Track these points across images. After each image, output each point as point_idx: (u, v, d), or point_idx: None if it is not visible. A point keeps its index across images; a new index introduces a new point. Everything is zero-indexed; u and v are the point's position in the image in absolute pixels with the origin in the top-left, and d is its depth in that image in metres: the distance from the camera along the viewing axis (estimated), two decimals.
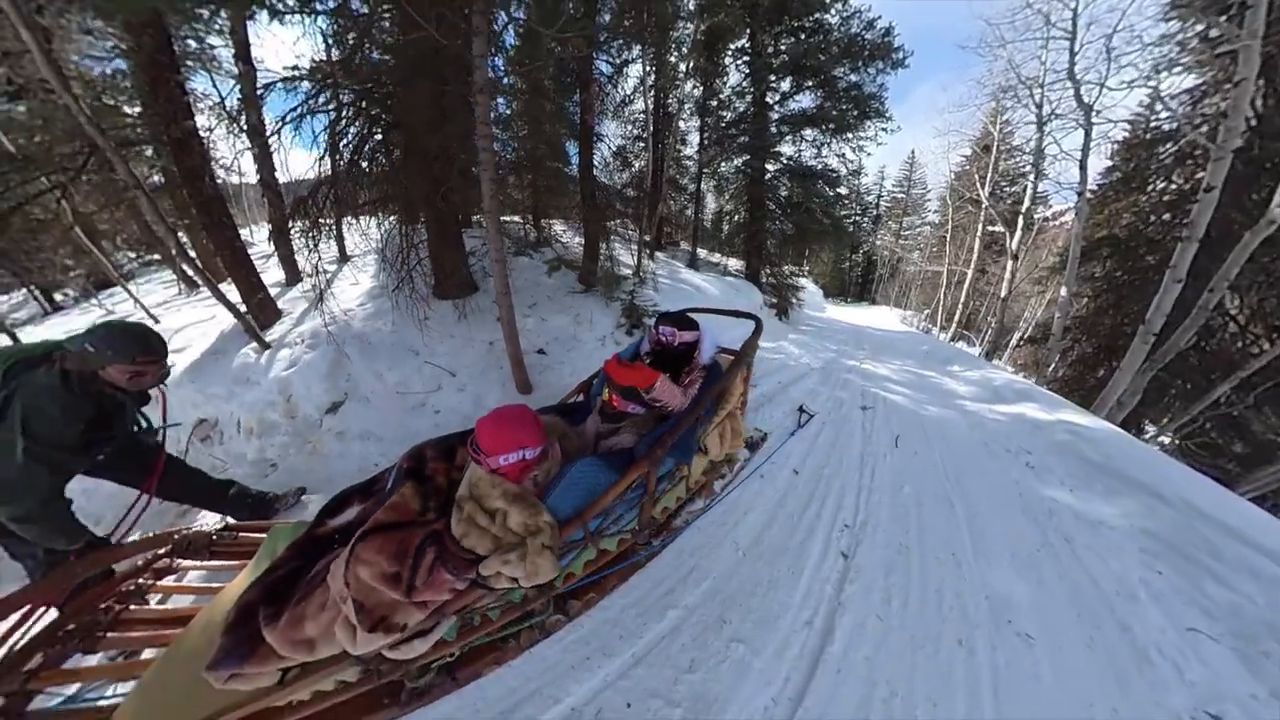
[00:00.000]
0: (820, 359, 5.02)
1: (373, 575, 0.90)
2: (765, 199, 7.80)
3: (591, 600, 1.52)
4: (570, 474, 1.24)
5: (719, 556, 1.80)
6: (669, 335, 1.78)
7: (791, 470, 2.43)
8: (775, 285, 8.21)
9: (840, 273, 32.64)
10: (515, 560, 0.99)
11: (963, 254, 14.40)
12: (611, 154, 7.17)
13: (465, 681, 1.25)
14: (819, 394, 3.72)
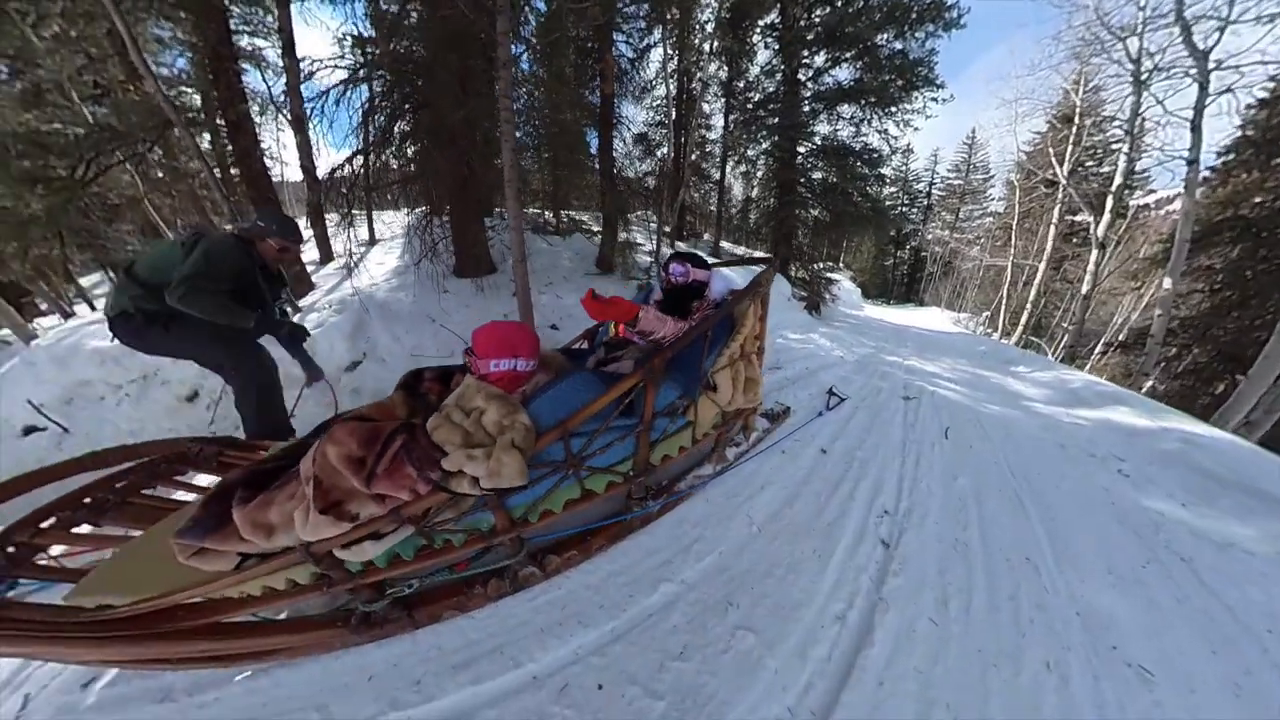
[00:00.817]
0: (855, 353, 4.75)
1: (338, 456, 0.89)
2: (796, 183, 7.41)
3: (573, 559, 1.40)
4: (559, 386, 1.16)
5: (728, 530, 1.64)
6: (680, 274, 1.76)
7: (818, 449, 2.31)
8: (806, 279, 7.79)
9: (882, 270, 28.10)
10: (480, 457, 0.93)
11: (1033, 246, 12.63)
12: (633, 141, 7.09)
13: (423, 622, 1.18)
14: (852, 381, 3.57)
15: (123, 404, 3.45)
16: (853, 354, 4.71)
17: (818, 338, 5.16)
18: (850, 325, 7.16)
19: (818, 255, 8.44)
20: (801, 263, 7.93)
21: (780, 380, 3.36)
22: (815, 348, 4.62)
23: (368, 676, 1.08)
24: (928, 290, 25.07)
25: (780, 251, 7.88)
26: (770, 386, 3.18)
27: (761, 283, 1.67)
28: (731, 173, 9.20)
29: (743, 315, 1.61)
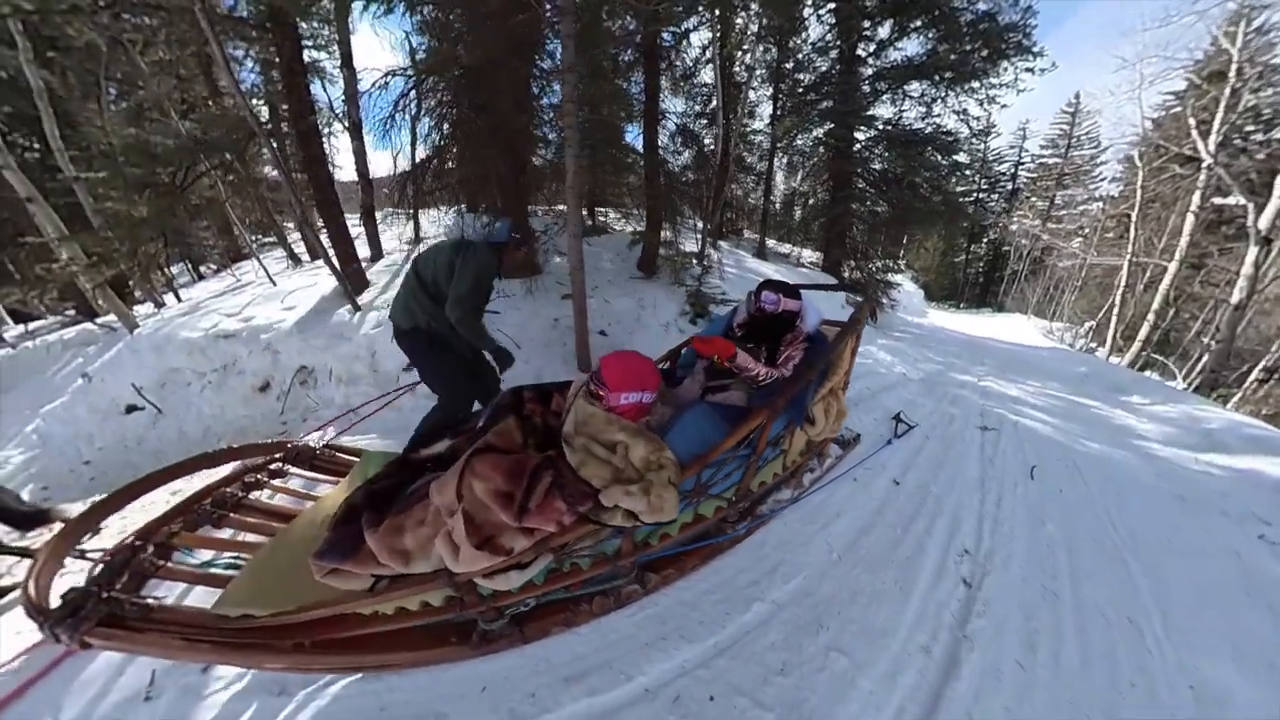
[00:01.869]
0: (921, 370, 4.47)
1: (486, 491, 0.96)
2: (852, 175, 6.83)
3: (670, 577, 1.51)
4: (683, 420, 1.35)
5: (809, 555, 1.74)
6: (772, 303, 1.80)
7: (890, 480, 2.32)
8: (862, 281, 7.04)
9: (950, 269, 24.71)
10: (638, 492, 1.02)
11: (1160, 239, 10.38)
12: (673, 133, 6.71)
13: (532, 637, 1.28)
14: (919, 406, 3.40)
15: (206, 390, 3.95)
16: (917, 371, 4.41)
17: (876, 351, 4.76)
18: (913, 336, 6.56)
19: (874, 253, 7.45)
20: (856, 263, 7.33)
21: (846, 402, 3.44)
22: (875, 364, 4.28)
23: (480, 687, 1.19)
24: (1010, 293, 21.58)
25: (833, 253, 7.46)
26: None
27: (860, 319, 1.74)
28: (777, 164, 8.68)
29: (841, 355, 1.70)
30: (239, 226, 6.29)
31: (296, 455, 1.61)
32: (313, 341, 3.79)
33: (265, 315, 4.30)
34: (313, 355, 3.76)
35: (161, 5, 3.12)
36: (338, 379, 3.57)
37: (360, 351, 3.63)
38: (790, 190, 8.99)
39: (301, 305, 4.40)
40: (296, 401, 3.61)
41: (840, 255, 7.32)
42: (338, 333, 3.83)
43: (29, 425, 4.17)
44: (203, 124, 4.89)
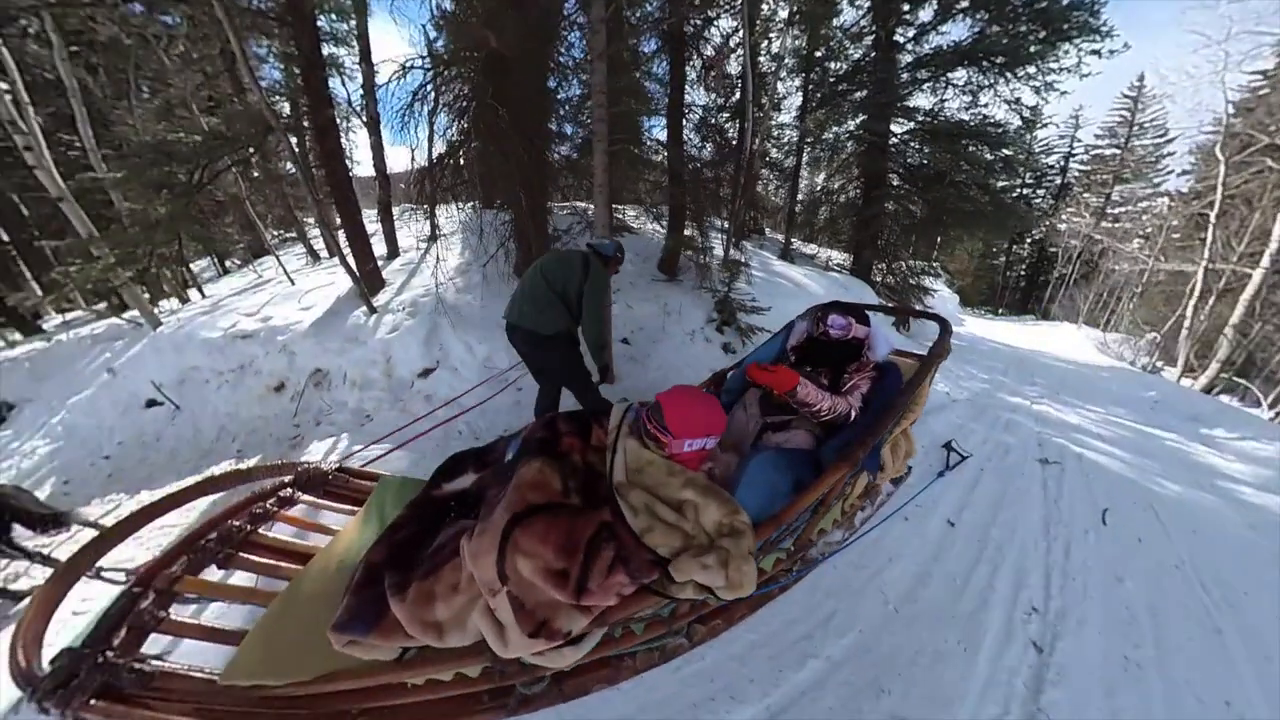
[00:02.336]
0: (965, 389, 4.17)
1: (535, 570, 0.85)
2: (886, 171, 6.48)
3: (717, 628, 1.42)
4: (749, 470, 1.26)
5: (864, 605, 1.66)
6: (841, 328, 1.69)
7: (944, 520, 2.18)
8: (894, 286, 6.81)
9: (989, 272, 22.83)
10: (715, 565, 0.90)
11: (1242, 241, 9.19)
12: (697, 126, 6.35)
13: (571, 695, 1.19)
14: (970, 432, 3.19)
15: (222, 389, 4.02)
16: (962, 391, 4.07)
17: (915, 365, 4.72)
18: (953, 348, 6.44)
19: (905, 254, 7.05)
20: (889, 266, 6.90)
21: None
22: None
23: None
24: (1057, 299, 19.27)
25: (864, 255, 7.08)
26: None
27: (940, 353, 1.62)
28: (805, 160, 8.32)
29: (918, 387, 1.54)
30: (259, 224, 6.46)
31: (307, 480, 1.54)
32: (328, 344, 3.81)
33: (283, 315, 4.35)
34: (327, 358, 3.78)
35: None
36: (351, 383, 3.57)
37: (375, 356, 3.62)
38: (819, 188, 8.60)
39: (318, 306, 4.43)
40: (310, 403, 3.63)
41: (871, 257, 6.96)
42: (353, 336, 3.83)
43: (55, 417, 4.34)
44: (227, 119, 4.98)
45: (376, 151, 5.20)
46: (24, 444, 4.28)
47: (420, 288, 4.41)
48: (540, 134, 3.85)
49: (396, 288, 4.60)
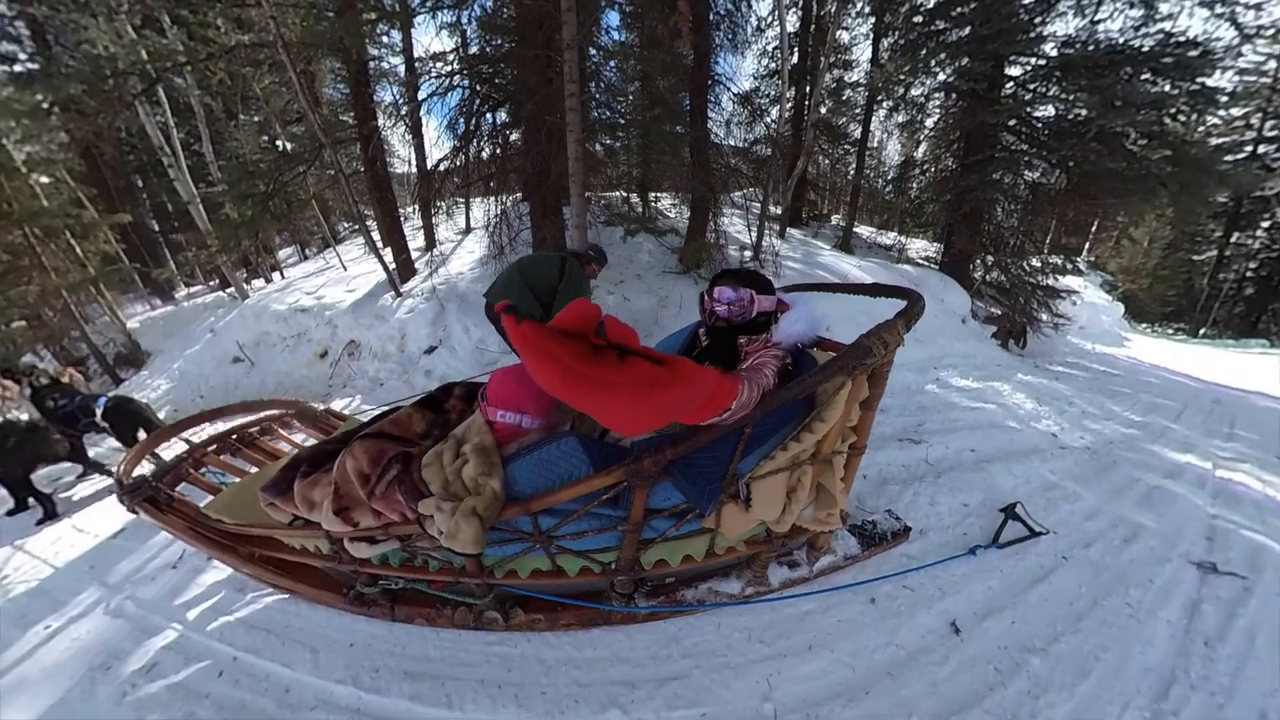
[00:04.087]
0: (1090, 432, 2.84)
1: (353, 469, 1.16)
2: (996, 129, 4.86)
3: (537, 623, 1.43)
4: (545, 449, 1.12)
5: (727, 689, 1.27)
6: (727, 301, 1.31)
7: (948, 621, 1.44)
8: (1004, 286, 5.23)
9: (1182, 271, 15.07)
10: (446, 512, 1.05)
11: None
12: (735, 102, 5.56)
13: (400, 619, 1.48)
14: (1070, 498, 2.09)
15: (284, 352, 5.08)
16: (1082, 434, 2.79)
17: (1009, 391, 3.27)
18: (1089, 374, 4.56)
19: (1034, 245, 5.42)
20: (998, 260, 5.31)
21: (911, 465, 2.24)
22: (1000, 411, 2.91)
23: (349, 643, 1.46)
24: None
25: (957, 242, 5.42)
26: (889, 474, 2.16)
27: (883, 346, 1.00)
28: (882, 126, 6.89)
29: (830, 399, 1.10)
30: (323, 220, 7.87)
31: (302, 414, 2.19)
32: (361, 320, 4.68)
33: (333, 295, 5.37)
34: (360, 332, 4.65)
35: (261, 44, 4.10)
36: (373, 354, 4.38)
37: (393, 332, 4.41)
38: (897, 159, 7.05)
39: (360, 288, 5.40)
40: (343, 369, 4.51)
41: (968, 247, 5.28)
42: (380, 314, 4.68)
43: (175, 364, 5.75)
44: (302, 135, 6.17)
45: (418, 152, 6.08)
46: (153, 381, 5.80)
47: (440, 276, 5.19)
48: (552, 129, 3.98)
49: (423, 275, 5.42)
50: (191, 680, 1.43)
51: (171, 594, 1.82)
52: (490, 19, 4.34)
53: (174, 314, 8.72)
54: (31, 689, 1.48)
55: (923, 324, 1.21)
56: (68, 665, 1.56)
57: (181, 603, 1.77)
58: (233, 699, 1.36)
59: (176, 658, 1.52)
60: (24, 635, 1.72)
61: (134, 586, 1.90)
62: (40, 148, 5.90)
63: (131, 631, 1.66)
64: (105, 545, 2.24)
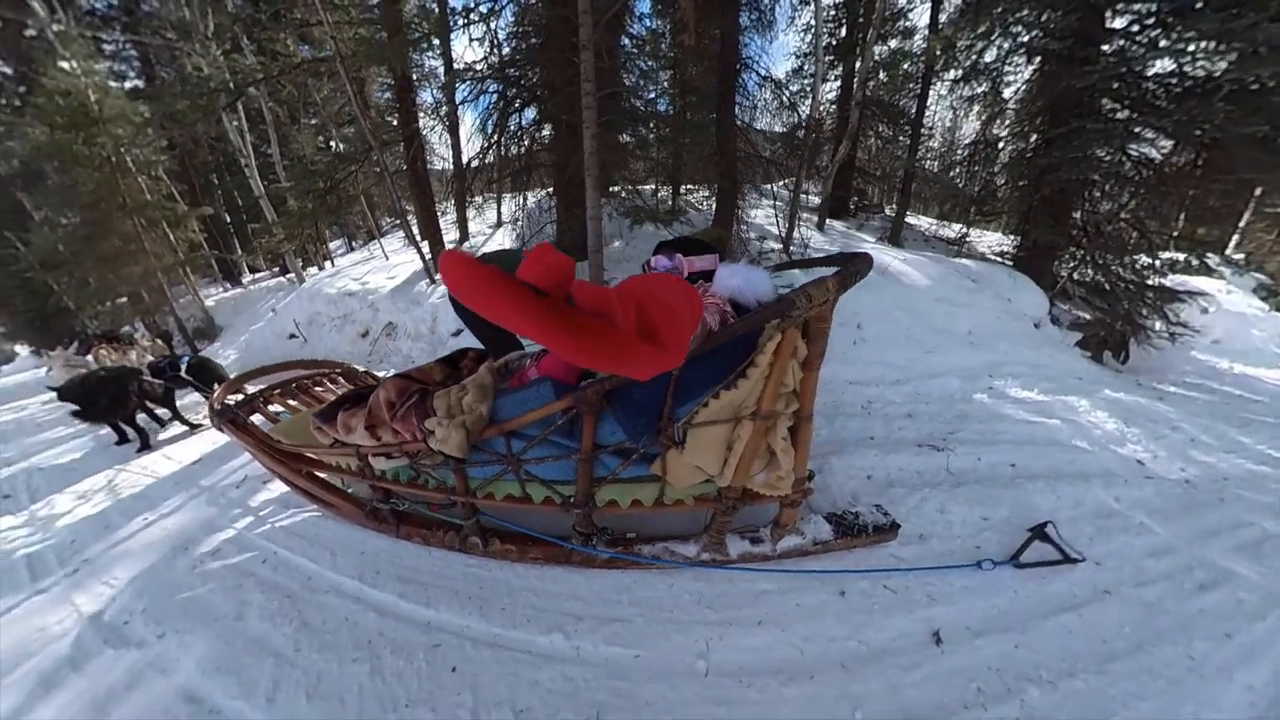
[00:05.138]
0: (1192, 463, 2.37)
1: (383, 398, 1.54)
2: (1090, 96, 4.10)
3: (509, 553, 1.69)
4: (525, 389, 1.40)
5: (666, 647, 1.35)
6: (665, 268, 1.47)
7: (930, 630, 1.37)
8: (1099, 284, 4.34)
9: None
10: (445, 424, 1.39)
11: None
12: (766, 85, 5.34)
13: (403, 536, 1.83)
14: (1129, 528, 1.83)
15: (331, 330, 5.75)
16: (1183, 465, 2.35)
17: (1086, 408, 2.84)
18: (1214, 397, 3.77)
19: (1145, 236, 4.29)
20: (1092, 253, 4.39)
21: (926, 472, 2.13)
22: (1066, 428, 2.56)
23: (361, 550, 1.83)
24: None
25: (1035, 233, 4.56)
26: (898, 478, 2.08)
27: (807, 299, 1.06)
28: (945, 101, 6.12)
29: (762, 348, 1.17)
30: (370, 214, 8.74)
31: (347, 372, 2.66)
32: (399, 304, 5.24)
33: (375, 282, 6.00)
34: (398, 314, 5.20)
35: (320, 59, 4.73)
36: (407, 334, 4.90)
37: (426, 316, 4.91)
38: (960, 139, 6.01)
39: (400, 276, 6.01)
40: (381, 347, 5.06)
41: (1051, 238, 4.37)
42: (415, 299, 5.21)
43: (241, 337, 6.62)
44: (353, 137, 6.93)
45: (455, 150, 6.66)
46: (224, 351, 6.72)
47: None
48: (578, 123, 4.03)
49: None
50: (243, 564, 1.84)
51: (233, 505, 2.29)
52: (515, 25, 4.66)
53: (242, 295, 9.92)
54: (133, 557, 1.98)
55: (980, 326, 1.35)
56: (157, 545, 2.03)
57: (240, 511, 2.23)
58: (270, 579, 1.75)
59: (233, 547, 1.95)
60: (129, 523, 2.25)
61: (208, 498, 2.39)
62: (147, 151, 7.00)
63: (203, 526, 2.13)
64: (187, 469, 2.80)
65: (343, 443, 1.68)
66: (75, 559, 2.03)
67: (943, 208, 6.72)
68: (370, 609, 1.57)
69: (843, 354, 3.22)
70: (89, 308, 7.91)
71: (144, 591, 1.74)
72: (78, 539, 2.19)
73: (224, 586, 1.71)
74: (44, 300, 10.90)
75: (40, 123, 6.39)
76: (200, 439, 3.38)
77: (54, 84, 6.12)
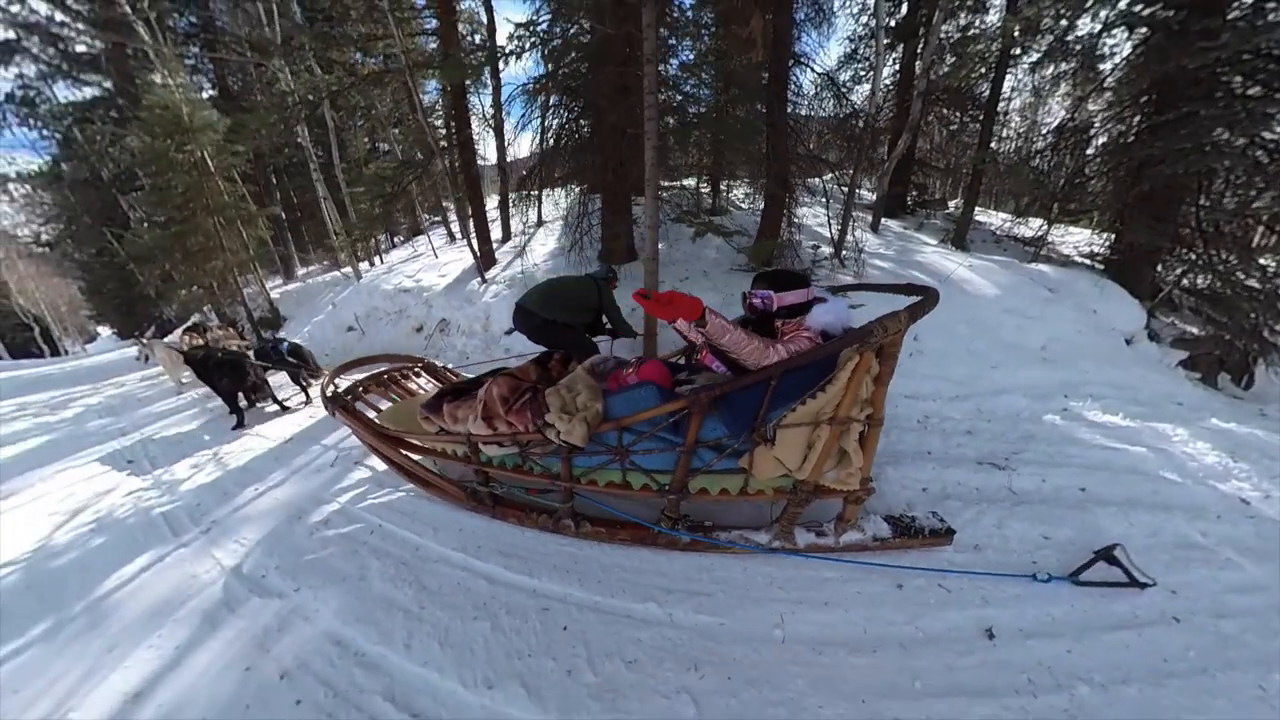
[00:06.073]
0: None
1: (497, 394, 1.81)
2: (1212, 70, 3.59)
3: (599, 534, 1.90)
4: (633, 391, 1.67)
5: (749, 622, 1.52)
6: (763, 299, 1.68)
7: (981, 628, 1.44)
8: (1216, 293, 3.85)
9: None
10: (565, 418, 1.63)
11: None
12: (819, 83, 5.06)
13: (499, 516, 2.07)
14: (1212, 562, 1.75)
15: (387, 325, 6.16)
16: None
17: (1183, 438, 2.63)
18: None
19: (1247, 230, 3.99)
20: (1207, 257, 3.91)
21: (985, 489, 2.15)
22: (1154, 458, 2.40)
23: (459, 528, 2.06)
24: None
25: (1132, 233, 4.10)
26: (955, 491, 2.14)
27: (884, 329, 1.31)
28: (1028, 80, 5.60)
29: (843, 366, 1.42)
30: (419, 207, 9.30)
31: (427, 366, 2.93)
32: (452, 302, 5.57)
33: (428, 280, 6.39)
34: (451, 311, 5.53)
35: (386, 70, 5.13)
36: (461, 331, 5.21)
37: (479, 314, 5.21)
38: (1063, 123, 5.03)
39: (450, 274, 6.38)
40: (435, 343, 5.40)
41: (1151, 239, 3.91)
42: (468, 298, 5.53)
43: (304, 328, 7.16)
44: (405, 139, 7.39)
45: (500, 152, 7.00)
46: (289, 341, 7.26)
47: (519, 266, 5.97)
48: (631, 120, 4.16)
49: (504, 265, 6.26)
50: (353, 534, 2.08)
51: (332, 482, 2.57)
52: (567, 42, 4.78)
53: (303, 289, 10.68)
54: (254, 521, 2.27)
55: (1057, 341, 1.47)
56: (273, 512, 2.32)
57: (339, 488, 2.50)
58: (381, 548, 1.98)
59: (341, 519, 2.20)
60: (242, 491, 2.56)
61: (307, 474, 2.67)
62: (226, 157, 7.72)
63: (309, 499, 2.40)
64: (281, 446, 3.13)
65: (448, 431, 1.91)
66: (205, 520, 2.34)
67: (1019, 203, 5.97)
68: (479, 577, 1.77)
69: (899, 367, 3.20)
70: (171, 297, 8.74)
71: (273, 551, 2.00)
72: (202, 503, 2.52)
73: (342, 552, 1.95)
74: (131, 289, 12.11)
75: (143, 133, 7.17)
76: (283, 421, 3.75)
77: (154, 98, 6.89)
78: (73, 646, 1.62)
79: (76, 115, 11.40)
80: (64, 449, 3.70)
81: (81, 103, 11.62)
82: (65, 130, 11.58)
